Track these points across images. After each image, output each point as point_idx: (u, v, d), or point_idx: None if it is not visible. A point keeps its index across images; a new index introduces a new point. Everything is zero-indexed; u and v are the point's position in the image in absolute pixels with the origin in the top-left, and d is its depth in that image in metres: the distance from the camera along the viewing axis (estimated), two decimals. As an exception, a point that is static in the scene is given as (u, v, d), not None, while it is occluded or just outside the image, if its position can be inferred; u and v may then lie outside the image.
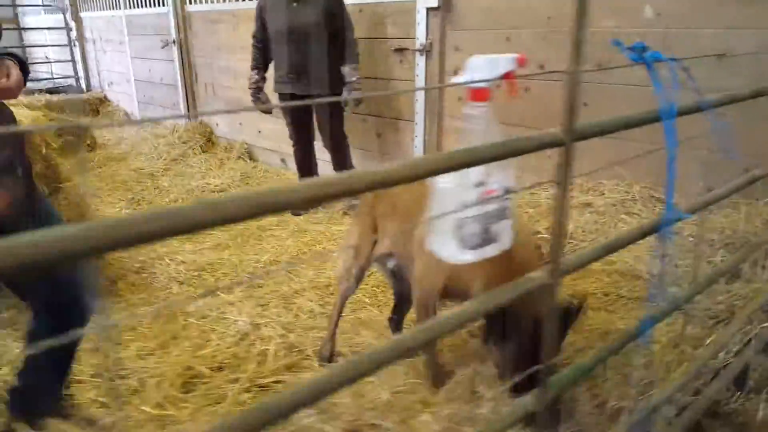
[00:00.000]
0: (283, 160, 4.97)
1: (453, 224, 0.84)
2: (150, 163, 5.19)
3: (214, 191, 4.52)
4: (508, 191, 0.88)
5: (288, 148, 4.06)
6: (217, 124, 5.70)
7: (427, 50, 3.56)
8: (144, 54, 6.41)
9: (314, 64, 3.48)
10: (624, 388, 1.49)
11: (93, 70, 7.65)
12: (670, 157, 1.09)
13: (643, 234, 1.13)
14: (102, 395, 2.10)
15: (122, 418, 1.97)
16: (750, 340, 1.95)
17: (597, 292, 2.06)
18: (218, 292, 2.84)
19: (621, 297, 2.10)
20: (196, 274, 3.07)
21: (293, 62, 3.54)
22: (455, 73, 3.55)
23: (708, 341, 1.70)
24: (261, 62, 3.68)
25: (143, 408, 1.96)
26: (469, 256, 0.87)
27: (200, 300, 2.76)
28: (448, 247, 0.86)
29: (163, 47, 5.78)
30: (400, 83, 3.80)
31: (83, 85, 7.76)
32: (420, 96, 3.68)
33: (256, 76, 3.67)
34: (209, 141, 5.63)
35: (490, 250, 0.89)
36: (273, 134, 4.92)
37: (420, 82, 3.67)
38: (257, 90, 3.70)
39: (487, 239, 0.87)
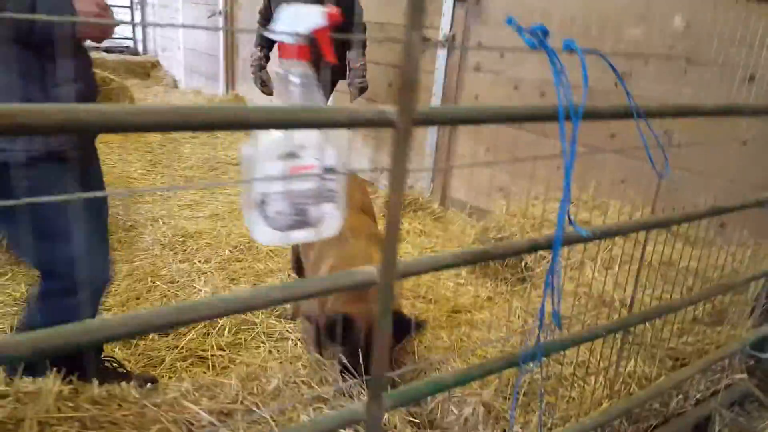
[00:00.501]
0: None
1: (256, 199, 0.74)
2: (179, 129, 5.26)
3: (229, 163, 4.54)
4: (329, 170, 0.77)
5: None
6: (251, 100, 5.73)
7: (449, 42, 3.43)
8: (193, 23, 6.52)
9: None
10: (531, 416, 1.35)
11: (150, 34, 7.86)
12: (567, 165, 0.95)
13: (532, 248, 1.00)
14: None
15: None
16: (717, 390, 1.76)
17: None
18: (195, 261, 2.83)
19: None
20: (181, 239, 3.07)
21: None
22: (476, 68, 3.41)
23: (655, 383, 1.53)
24: (265, 40, 3.58)
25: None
26: (277, 238, 0.78)
27: (174, 265, 2.75)
28: (255, 225, 0.76)
29: (209, 17, 5.85)
30: (421, 75, 3.68)
31: (139, 48, 7.99)
32: (437, 90, 3.56)
33: (259, 53, 3.58)
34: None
35: (305, 235, 0.79)
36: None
37: (440, 75, 3.54)
38: (258, 68, 3.59)
39: (300, 222, 0.77)
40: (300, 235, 0.79)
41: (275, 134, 0.74)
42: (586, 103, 0.95)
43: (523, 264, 2.53)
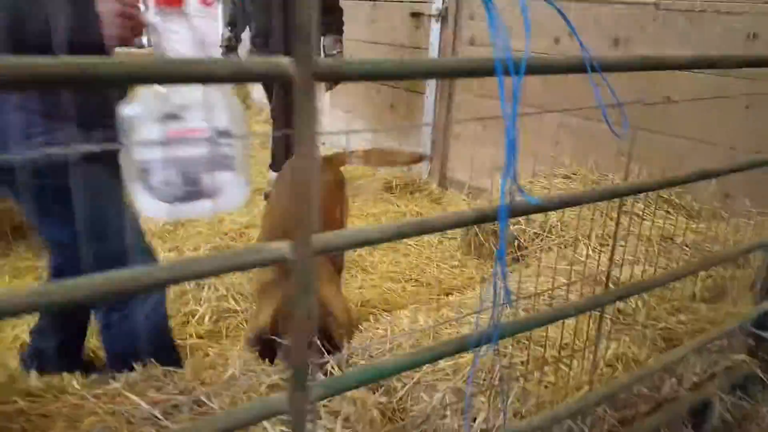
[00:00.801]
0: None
1: (137, 166, 0.66)
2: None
3: (228, 150, 4.49)
4: (223, 134, 0.69)
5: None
6: (253, 87, 5.66)
7: (442, 16, 3.30)
8: (197, 11, 6.46)
9: (286, 29, 3.12)
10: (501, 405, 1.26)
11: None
12: (509, 127, 0.85)
13: (478, 219, 0.90)
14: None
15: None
16: (716, 373, 1.65)
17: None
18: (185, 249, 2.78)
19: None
20: (172, 227, 3.02)
21: (261, 25, 3.17)
22: (470, 42, 3.28)
23: (641, 365, 1.43)
24: (236, 19, 3.40)
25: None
26: (166, 211, 0.69)
27: (162, 254, 2.70)
28: (139, 196, 0.68)
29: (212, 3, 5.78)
30: (415, 51, 3.57)
31: (144, 41, 7.96)
32: (433, 67, 3.43)
33: (229, 34, 3.41)
34: (243, 102, 5.61)
35: (201, 208, 0.70)
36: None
37: (434, 49, 3.42)
38: (227, 49, 3.38)
39: (192, 193, 0.69)
40: (195, 208, 0.70)
41: (154, 92, 0.66)
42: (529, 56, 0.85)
43: (516, 243, 2.42)
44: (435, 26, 3.36)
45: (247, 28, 3.41)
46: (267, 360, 1.47)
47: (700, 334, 1.63)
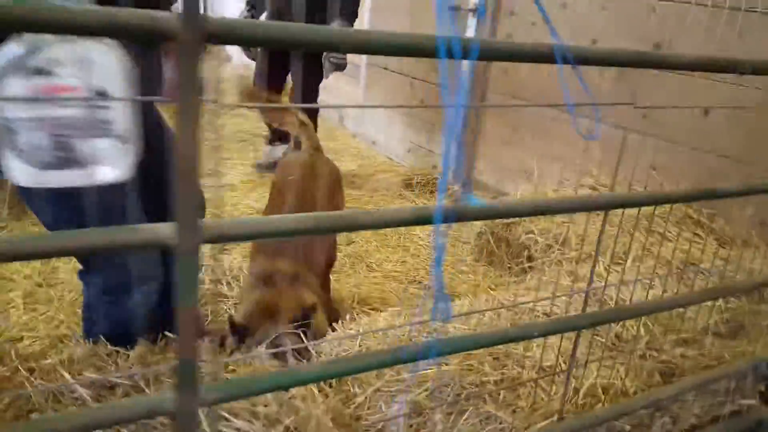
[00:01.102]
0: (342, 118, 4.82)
1: (1, 125, 0.59)
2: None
3: (257, 135, 4.49)
4: (102, 96, 0.61)
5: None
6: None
7: (480, 11, 3.17)
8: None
9: (297, 11, 3.05)
10: (463, 425, 1.15)
11: (209, 11, 7.93)
12: (451, 121, 0.74)
13: (416, 220, 0.80)
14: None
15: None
16: (718, 417, 1.48)
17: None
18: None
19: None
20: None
21: (275, 6, 3.15)
22: (508, 38, 3.13)
23: (623, 399, 1.29)
24: None
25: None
26: (35, 178, 0.62)
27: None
28: (6, 160, 0.61)
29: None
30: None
31: (198, 22, 8.09)
32: (464, 66, 3.31)
33: (246, 13, 3.38)
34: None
35: (74, 176, 0.63)
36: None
37: (470, 48, 3.28)
38: None
39: (64, 159, 0.62)
40: (68, 177, 0.63)
41: (19, 41, 0.59)
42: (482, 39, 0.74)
43: (526, 254, 2.29)
44: (472, 21, 3.23)
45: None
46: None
47: (706, 371, 1.48)
